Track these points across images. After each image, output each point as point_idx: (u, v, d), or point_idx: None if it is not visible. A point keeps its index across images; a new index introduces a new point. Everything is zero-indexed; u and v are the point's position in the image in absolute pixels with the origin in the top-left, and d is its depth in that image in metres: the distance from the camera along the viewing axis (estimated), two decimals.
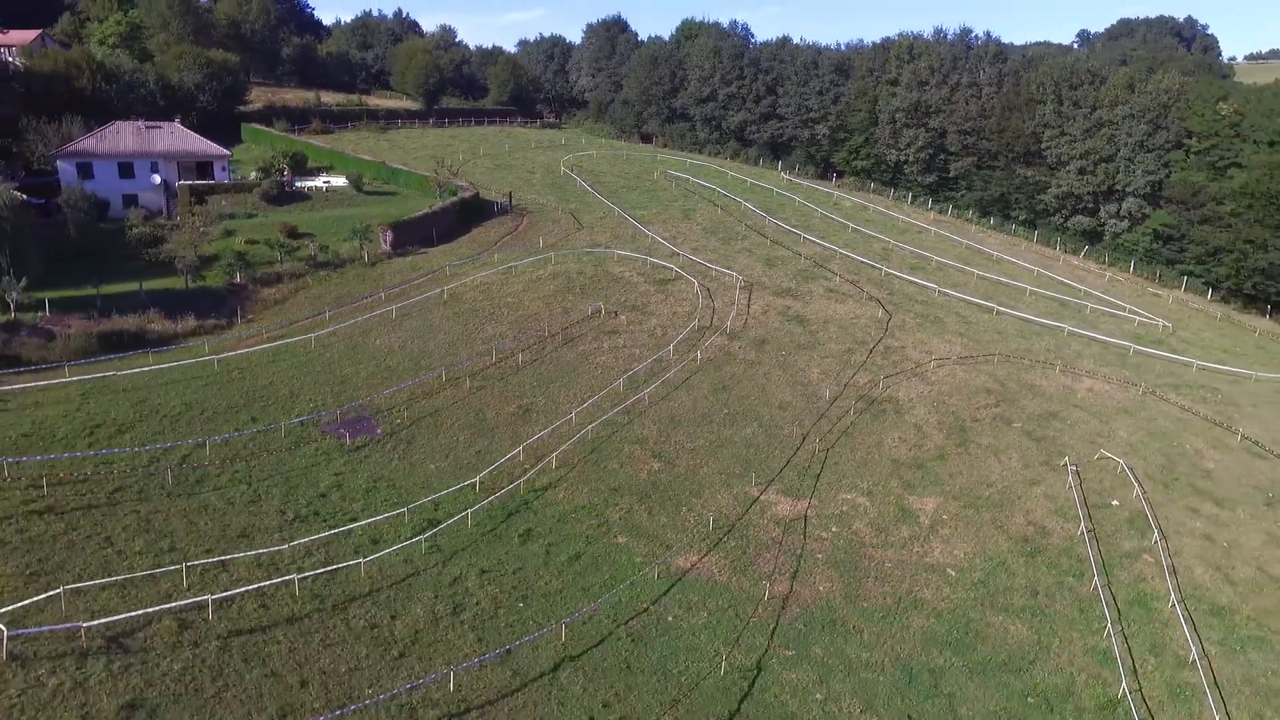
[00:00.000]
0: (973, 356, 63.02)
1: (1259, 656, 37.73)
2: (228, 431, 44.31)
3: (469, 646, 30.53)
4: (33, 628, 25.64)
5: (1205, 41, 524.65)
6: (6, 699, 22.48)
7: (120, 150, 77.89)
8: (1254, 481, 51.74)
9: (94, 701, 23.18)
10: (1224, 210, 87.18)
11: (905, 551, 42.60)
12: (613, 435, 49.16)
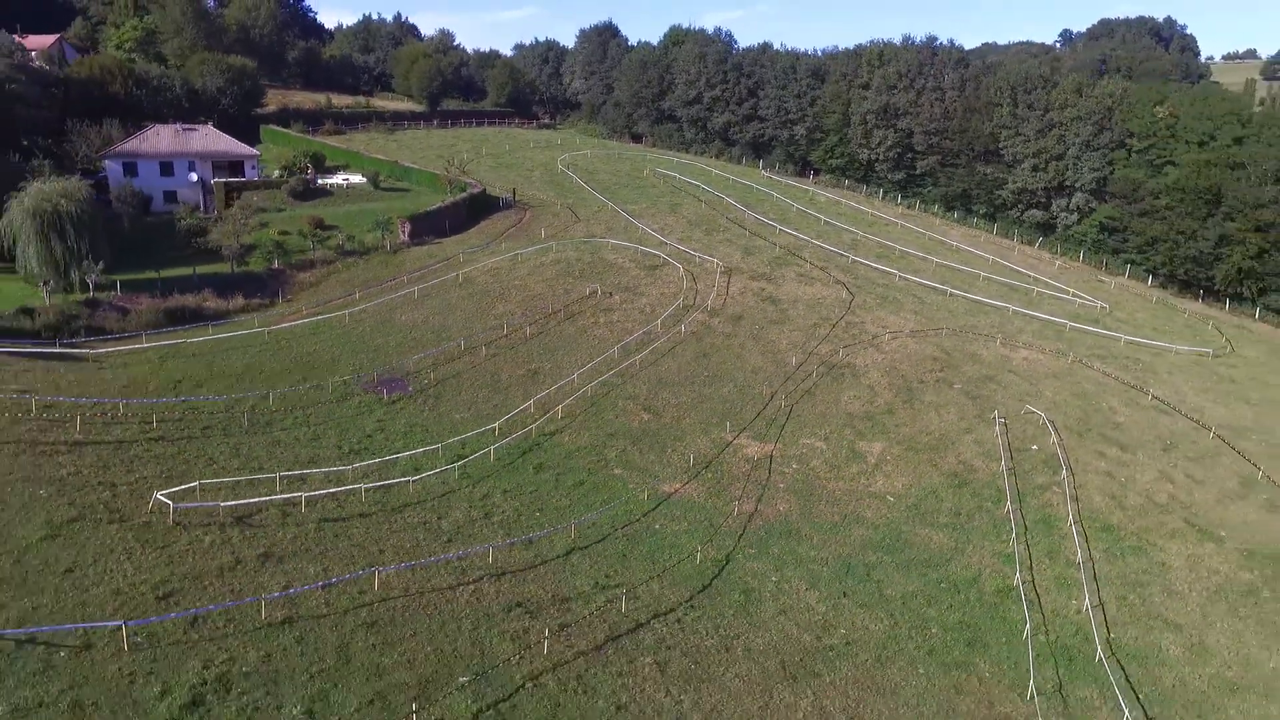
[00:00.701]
0: (923, 330, 71.86)
1: (1135, 560, 46.55)
2: (284, 387, 52.72)
3: (500, 538, 39.04)
4: (188, 503, 34.18)
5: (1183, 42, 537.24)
6: (180, 547, 30.87)
7: (160, 151, 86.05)
8: (1156, 432, 60.73)
9: (238, 551, 31.60)
10: (1160, 204, 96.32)
11: (853, 483, 51.34)
12: (609, 393, 57.74)
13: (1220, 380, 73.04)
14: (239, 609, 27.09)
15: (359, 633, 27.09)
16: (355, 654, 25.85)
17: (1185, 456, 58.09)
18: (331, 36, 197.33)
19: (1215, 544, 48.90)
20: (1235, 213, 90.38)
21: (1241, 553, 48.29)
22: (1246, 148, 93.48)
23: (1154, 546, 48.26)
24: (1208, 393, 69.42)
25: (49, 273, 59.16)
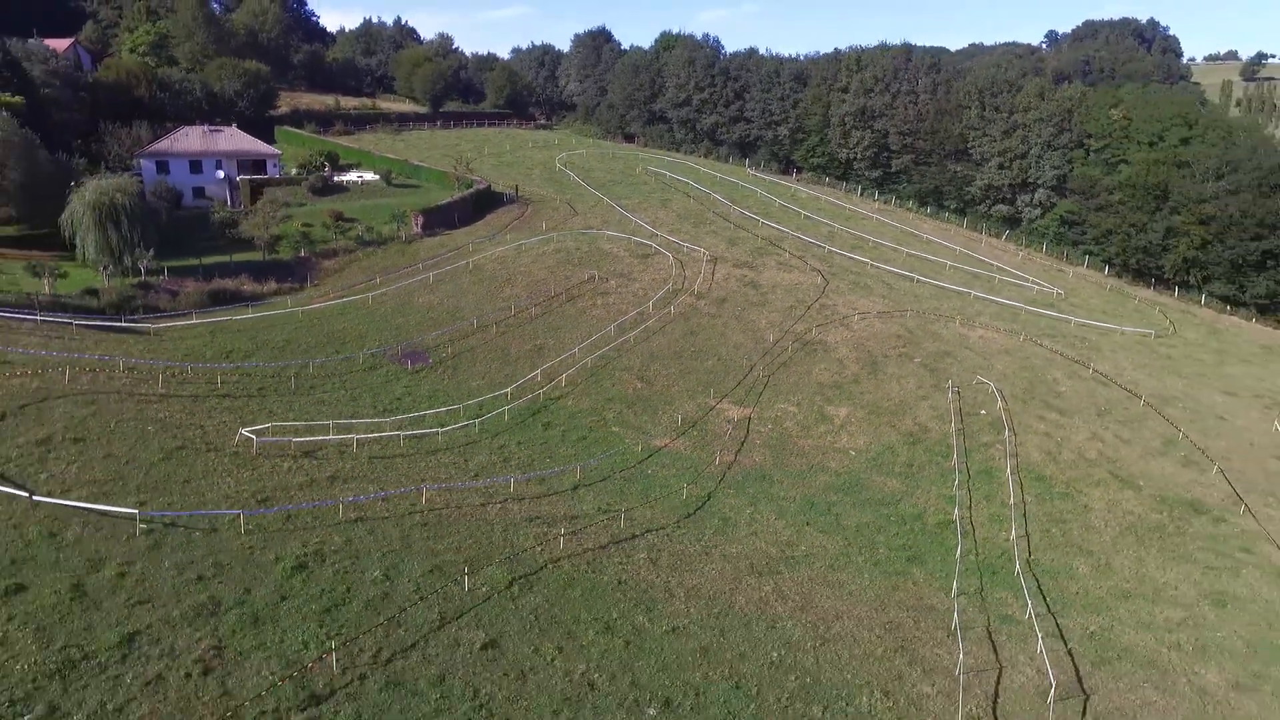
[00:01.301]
0: (890, 312, 79.46)
1: (1061, 503, 54.13)
2: (321, 357, 59.97)
3: (515, 484, 46.40)
4: (265, 438, 41.51)
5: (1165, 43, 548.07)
6: (265, 469, 38.14)
7: (189, 150, 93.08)
8: (1093, 401, 68.40)
9: (311, 473, 38.85)
10: (1114, 199, 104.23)
11: (820, 440, 58.87)
12: (606, 365, 65.15)
13: (1158, 357, 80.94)
14: (321, 509, 34.37)
15: (415, 529, 34.40)
16: (414, 542, 33.17)
17: (1116, 420, 65.76)
18: (334, 40, 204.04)
19: (1134, 491, 56.55)
20: (1181, 207, 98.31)
21: (1155, 498, 55.97)
22: (1191, 147, 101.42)
23: (1079, 493, 55.88)
24: (1144, 368, 77.22)
25: (105, 259, 66.19)
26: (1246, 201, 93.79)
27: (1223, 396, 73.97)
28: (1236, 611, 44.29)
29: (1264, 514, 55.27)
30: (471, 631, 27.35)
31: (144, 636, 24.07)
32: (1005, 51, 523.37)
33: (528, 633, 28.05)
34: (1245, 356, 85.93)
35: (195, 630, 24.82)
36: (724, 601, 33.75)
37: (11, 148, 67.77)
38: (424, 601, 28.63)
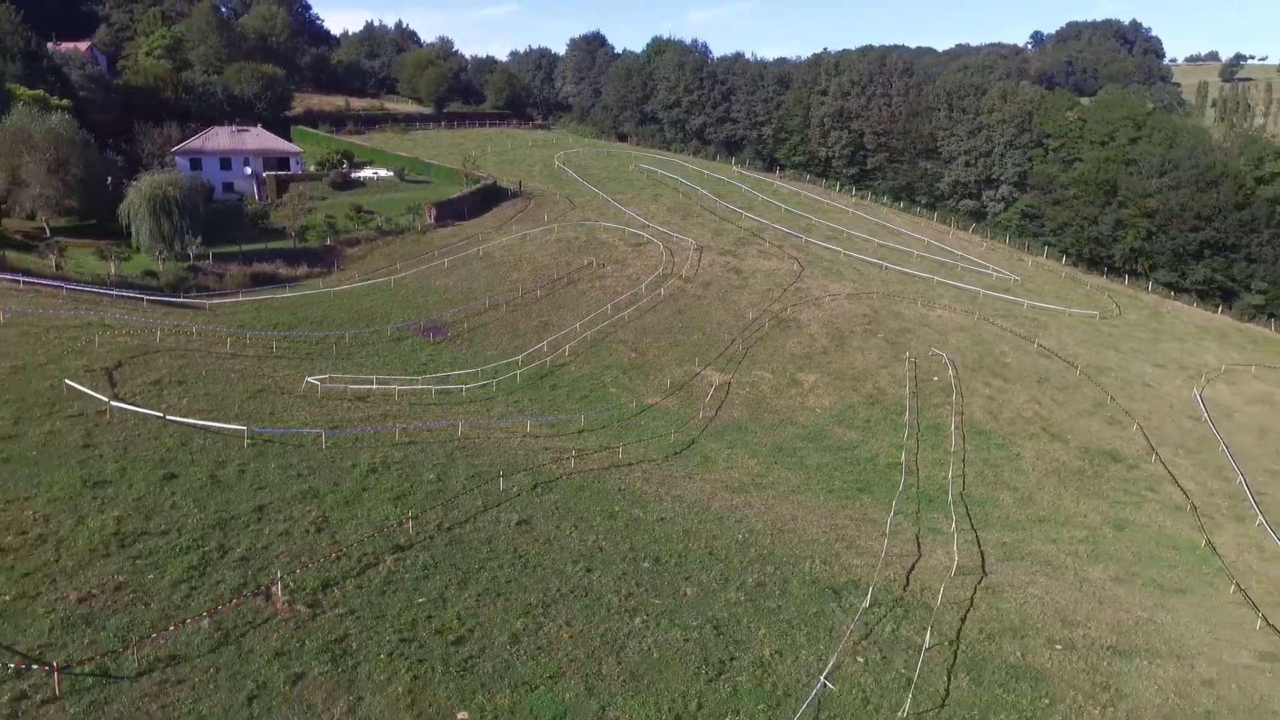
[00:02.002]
0: (858, 294, 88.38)
1: (997, 452, 63.00)
2: (354, 330, 68.51)
3: (531, 425, 55.07)
4: (326, 385, 50.13)
5: (1147, 44, 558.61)
6: (330, 407, 46.69)
7: (219, 148, 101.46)
8: (1035, 371, 77.44)
9: (367, 411, 47.45)
10: (1069, 194, 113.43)
11: (791, 401, 67.72)
12: (604, 338, 73.87)
13: (1099, 335, 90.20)
14: (381, 433, 43.01)
15: (456, 450, 43.02)
16: (457, 458, 41.78)
17: (1054, 387, 74.85)
18: (338, 42, 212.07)
19: (1061, 443, 65.65)
20: (1128, 201, 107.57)
21: (1079, 449, 65.06)
22: (1139, 146, 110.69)
23: (1013, 444, 64.88)
24: (1086, 344, 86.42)
25: (159, 245, 74.61)
26: (1186, 196, 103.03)
27: (1152, 368, 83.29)
28: (1132, 533, 53.35)
29: (1172, 462, 64.53)
30: (508, 514, 35.99)
31: (269, 508, 32.65)
32: (990, 52, 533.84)
33: (550, 516, 36.72)
34: (1180, 336, 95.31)
35: (304, 506, 33.42)
36: (703, 505, 42.51)
37: (74, 147, 76.05)
38: (469, 494, 37.28)
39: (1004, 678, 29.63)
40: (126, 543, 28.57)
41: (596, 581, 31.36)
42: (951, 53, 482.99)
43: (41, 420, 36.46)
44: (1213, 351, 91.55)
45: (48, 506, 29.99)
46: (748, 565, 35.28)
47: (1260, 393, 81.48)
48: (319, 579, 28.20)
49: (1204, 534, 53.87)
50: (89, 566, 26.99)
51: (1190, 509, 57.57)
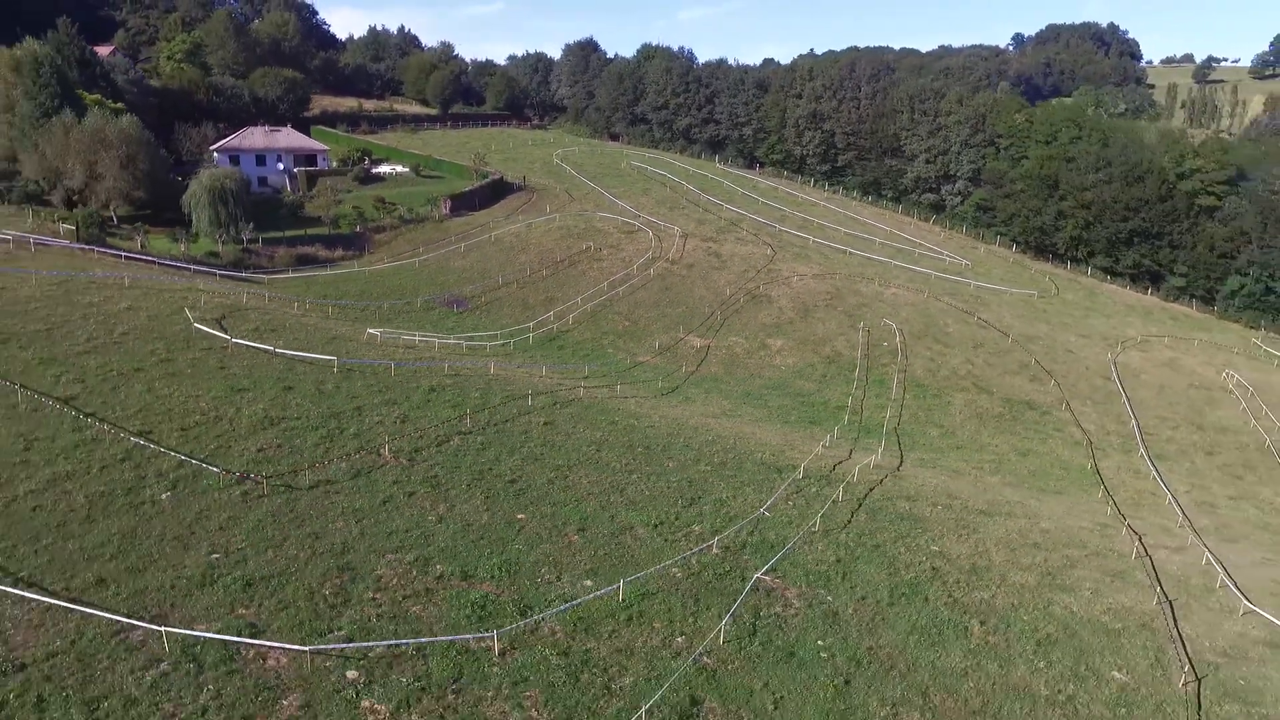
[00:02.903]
0: (823, 275, 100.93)
1: (931, 400, 75.57)
2: (390, 300, 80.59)
3: (545, 370, 67.30)
4: (384, 335, 62.30)
5: (1124, 46, 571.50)
6: (390, 351, 58.91)
7: (255, 146, 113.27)
8: (972, 339, 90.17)
9: (419, 353, 59.75)
10: (1017, 188, 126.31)
11: (760, 360, 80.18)
12: (602, 310, 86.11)
13: (1034, 311, 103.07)
14: (433, 367, 55.29)
15: (491, 382, 55.24)
16: (493, 386, 54.04)
17: (987, 352, 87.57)
18: (344, 46, 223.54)
19: (987, 395, 78.31)
20: (1068, 194, 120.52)
21: (1002, 399, 77.72)
22: (1077, 145, 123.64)
23: (946, 395, 77.52)
24: (1021, 318, 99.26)
25: (217, 230, 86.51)
26: (1117, 190, 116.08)
27: (1077, 338, 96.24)
28: (1033, 459, 66.09)
29: (1080, 410, 77.34)
30: (536, 418, 48.26)
31: (364, 409, 44.82)
32: (971, 54, 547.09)
33: (568, 421, 49.04)
34: (1108, 313, 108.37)
35: (389, 408, 45.63)
36: (683, 422, 54.90)
37: (141, 145, 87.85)
38: (506, 406, 49.56)
39: (892, 519, 42.15)
40: (274, 423, 40.82)
41: (604, 456, 43.78)
42: (934, 54, 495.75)
43: (185, 351, 48.61)
44: (1135, 326, 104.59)
45: (212, 402, 42.19)
46: (714, 453, 47.72)
47: (1167, 359, 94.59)
48: (412, 446, 40.55)
49: (1092, 460, 66.71)
50: (255, 434, 39.24)
51: (1086, 443, 70.42)
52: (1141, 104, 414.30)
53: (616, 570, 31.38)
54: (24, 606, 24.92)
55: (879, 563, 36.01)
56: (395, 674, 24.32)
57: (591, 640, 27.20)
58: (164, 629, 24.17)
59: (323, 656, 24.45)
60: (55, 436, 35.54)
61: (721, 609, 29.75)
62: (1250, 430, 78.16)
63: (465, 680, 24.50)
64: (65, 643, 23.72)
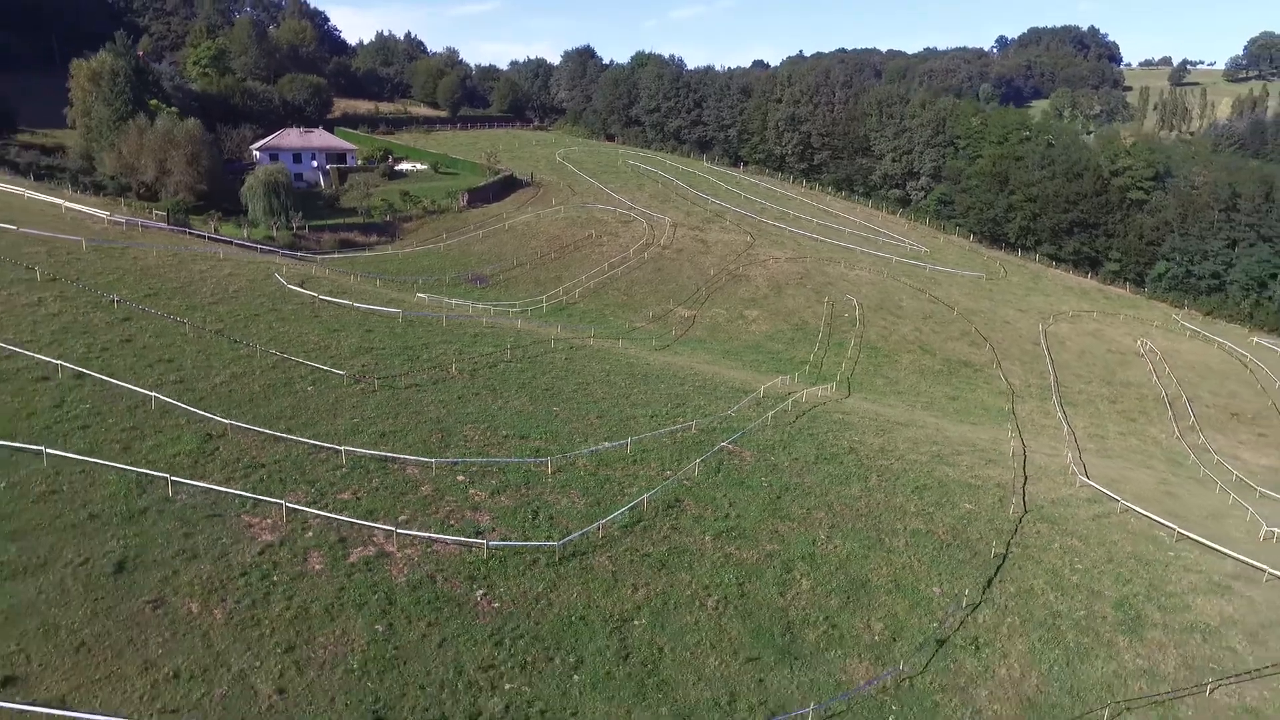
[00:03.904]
0: (795, 258, 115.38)
1: (882, 360, 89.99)
2: (423, 277, 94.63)
3: (559, 327, 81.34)
4: (430, 298, 76.47)
5: (1104, 49, 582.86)
6: (433, 305, 73.07)
7: (291, 145, 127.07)
8: (922, 311, 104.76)
9: (457, 310, 73.95)
10: (972, 184, 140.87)
11: (738, 328, 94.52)
12: (604, 286, 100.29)
13: (980, 290, 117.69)
14: (473, 319, 69.46)
15: (520, 333, 69.57)
16: (521, 337, 68.23)
17: (935, 322, 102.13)
18: (355, 51, 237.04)
19: (930, 356, 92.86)
20: (1017, 189, 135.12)
21: (943, 359, 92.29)
22: (1025, 145, 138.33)
23: (895, 356, 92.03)
24: (967, 295, 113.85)
25: (270, 218, 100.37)
26: (1059, 185, 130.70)
27: (1015, 312, 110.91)
28: (961, 402, 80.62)
29: (1008, 369, 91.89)
30: (558, 355, 62.37)
31: (430, 344, 58.91)
32: (955, 56, 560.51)
33: (583, 358, 63.15)
34: (1049, 293, 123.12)
35: (447, 345, 59.72)
36: (672, 364, 69.21)
37: (203, 144, 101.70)
38: (534, 347, 63.78)
39: (827, 423, 56.53)
40: (366, 351, 54.95)
41: (612, 378, 58.12)
42: (919, 56, 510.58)
43: (284, 304, 62.66)
44: (1070, 303, 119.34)
45: (317, 337, 56.27)
46: (696, 382, 62.09)
47: (1093, 329, 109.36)
48: (470, 368, 54.80)
49: (1011, 404, 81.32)
50: (354, 357, 53.35)
51: (1009, 393, 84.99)
52: (1115, 106, 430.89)
53: (626, 435, 45.71)
54: (251, 435, 39.09)
55: (811, 442, 50.43)
56: (487, 478, 38.59)
57: (609, 469, 41.52)
58: (343, 448, 38.43)
59: (441, 467, 38.70)
60: (222, 353, 49.65)
61: (696, 457, 44.12)
62: (1152, 385, 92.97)
63: (531, 484, 38.79)
64: (285, 456, 37.90)
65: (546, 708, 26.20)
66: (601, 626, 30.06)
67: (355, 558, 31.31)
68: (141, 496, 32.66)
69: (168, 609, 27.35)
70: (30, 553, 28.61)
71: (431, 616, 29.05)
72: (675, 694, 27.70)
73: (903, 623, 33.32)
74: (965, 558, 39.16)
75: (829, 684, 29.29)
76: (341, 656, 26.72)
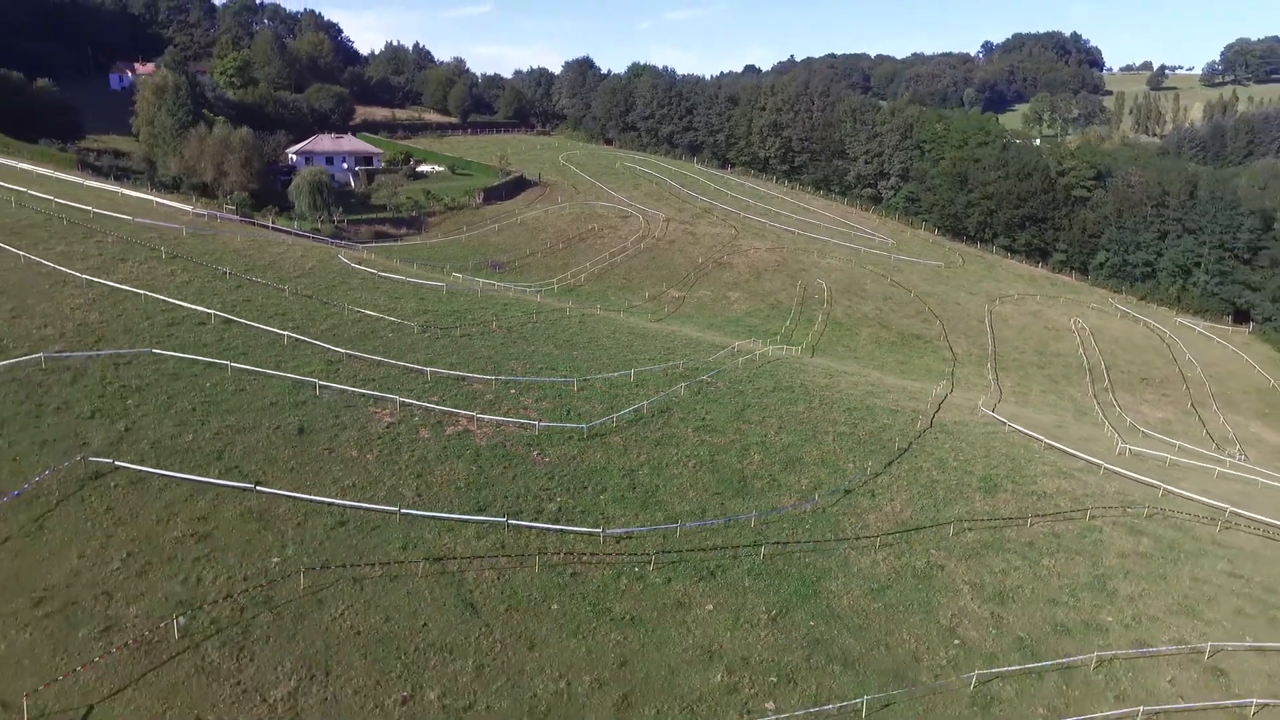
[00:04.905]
0: (774, 249, 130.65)
1: (845, 333, 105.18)
2: (449, 263, 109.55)
3: (570, 303, 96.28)
4: (463, 277, 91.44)
5: (1085, 55, 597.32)
6: (479, 296, 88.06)
7: (324, 149, 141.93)
8: (883, 294, 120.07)
9: (491, 277, 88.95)
10: (936, 184, 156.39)
11: (722, 307, 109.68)
12: (606, 272, 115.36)
13: (937, 276, 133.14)
14: (500, 293, 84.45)
15: (540, 303, 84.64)
16: (543, 305, 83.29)
17: (894, 302, 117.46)
18: (367, 60, 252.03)
19: (887, 330, 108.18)
20: (975, 188, 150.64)
21: (898, 333, 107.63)
22: (983, 149, 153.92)
23: (857, 329, 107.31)
24: (926, 281, 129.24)
25: (314, 213, 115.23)
26: (1012, 184, 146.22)
27: (966, 295, 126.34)
28: (908, 365, 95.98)
29: (954, 340, 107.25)
30: (573, 320, 77.47)
31: (474, 309, 73.84)
32: (940, 61, 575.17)
33: (593, 322, 78.17)
34: (999, 279, 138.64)
35: (487, 310, 74.60)
36: (664, 330, 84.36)
37: (254, 149, 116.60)
38: (553, 314, 78.81)
39: (786, 368, 71.61)
40: (422, 313, 69.76)
41: (617, 336, 73.18)
42: (907, 61, 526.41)
43: (350, 279, 77.52)
44: (1018, 289, 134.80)
45: (382, 303, 71.13)
46: (684, 342, 77.22)
47: (1033, 310, 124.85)
48: (506, 325, 69.84)
49: (952, 367, 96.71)
50: (414, 316, 68.27)
51: (952, 358, 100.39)
52: (1093, 110, 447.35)
53: (629, 369, 60.86)
54: (360, 361, 54.05)
55: (770, 380, 65.64)
56: (531, 392, 53.64)
57: (617, 389, 56.62)
58: (428, 369, 53.47)
59: (498, 384, 53.78)
60: (317, 310, 64.48)
61: (682, 383, 59.28)
62: (1078, 356, 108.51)
63: (562, 396, 53.86)
64: (386, 375, 52.79)
65: (585, 510, 41.25)
66: (617, 473, 45.13)
67: (450, 432, 46.34)
68: (299, 394, 47.60)
69: (337, 454, 42.34)
70: (241, 422, 43.59)
71: (505, 464, 44.08)
72: (666, 508, 42.76)
73: (823, 481, 48.44)
74: (876, 449, 54.30)
75: (766, 507, 44.40)
76: (452, 480, 41.74)
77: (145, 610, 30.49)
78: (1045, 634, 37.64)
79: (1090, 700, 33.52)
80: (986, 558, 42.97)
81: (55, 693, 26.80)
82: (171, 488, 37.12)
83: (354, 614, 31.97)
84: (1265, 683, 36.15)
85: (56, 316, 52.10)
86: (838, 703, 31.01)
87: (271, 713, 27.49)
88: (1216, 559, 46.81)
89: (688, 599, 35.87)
